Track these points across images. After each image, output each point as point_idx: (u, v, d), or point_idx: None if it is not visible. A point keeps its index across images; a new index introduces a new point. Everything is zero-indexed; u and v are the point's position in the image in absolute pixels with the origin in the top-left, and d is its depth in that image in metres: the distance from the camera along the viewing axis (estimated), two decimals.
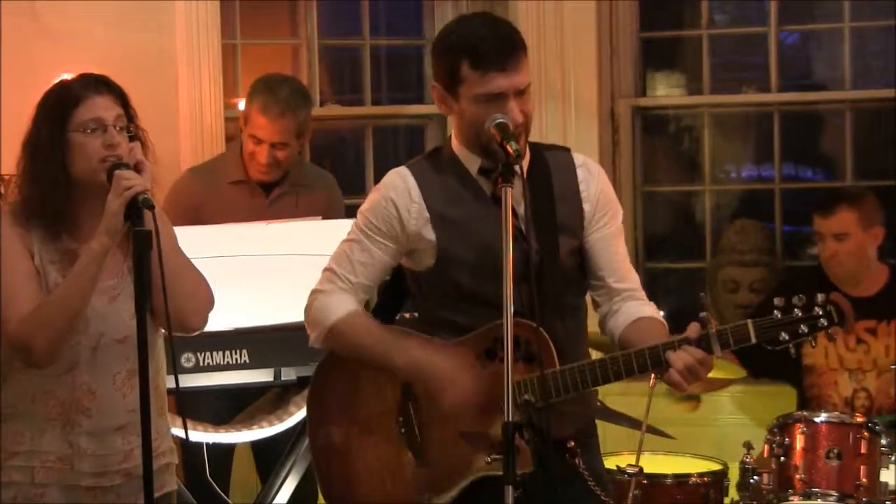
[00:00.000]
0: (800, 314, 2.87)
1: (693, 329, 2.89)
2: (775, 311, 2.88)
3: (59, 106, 2.92)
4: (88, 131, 2.89)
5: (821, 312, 2.87)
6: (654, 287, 5.65)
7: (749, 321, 2.88)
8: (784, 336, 2.87)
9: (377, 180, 3.16)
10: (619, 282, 3.09)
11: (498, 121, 2.88)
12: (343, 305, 3.07)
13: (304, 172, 4.60)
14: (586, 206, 3.08)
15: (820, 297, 2.89)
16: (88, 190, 2.92)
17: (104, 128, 2.90)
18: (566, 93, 5.33)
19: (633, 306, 3.08)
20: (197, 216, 4.28)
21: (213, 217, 4.26)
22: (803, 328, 2.87)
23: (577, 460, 3.03)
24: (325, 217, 4.32)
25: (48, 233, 2.93)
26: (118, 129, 2.92)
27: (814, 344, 2.94)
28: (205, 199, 4.41)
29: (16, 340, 2.87)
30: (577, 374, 2.93)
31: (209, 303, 3.07)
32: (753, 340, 2.88)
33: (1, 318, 2.88)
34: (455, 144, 3.06)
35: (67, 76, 3.02)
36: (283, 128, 4.37)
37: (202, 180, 4.50)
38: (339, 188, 4.70)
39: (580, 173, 3.10)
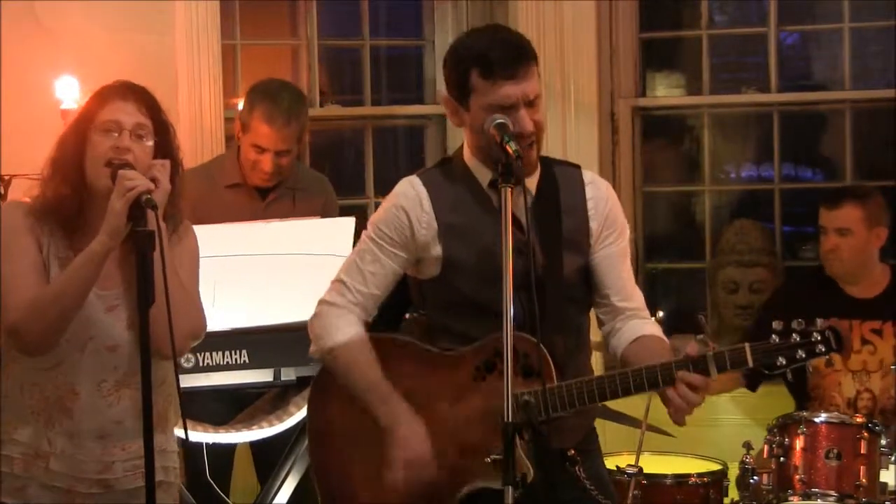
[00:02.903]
0: (798, 339, 2.86)
1: (691, 350, 2.89)
2: (773, 336, 2.88)
3: (87, 107, 2.96)
4: (104, 132, 2.91)
5: (819, 338, 2.86)
6: (654, 287, 5.66)
7: (746, 345, 2.88)
8: (781, 361, 2.87)
9: (377, 181, 3.17)
10: (623, 301, 3.10)
11: (497, 121, 2.88)
12: (345, 329, 3.07)
13: (300, 175, 4.60)
14: (593, 224, 3.08)
15: (819, 322, 2.88)
16: (100, 196, 2.91)
17: (119, 131, 2.91)
18: (566, 93, 5.33)
19: (635, 325, 3.09)
20: (193, 217, 4.27)
21: (210, 220, 4.24)
22: (801, 353, 2.86)
23: (577, 468, 3.03)
24: (319, 217, 4.33)
25: (63, 228, 2.95)
26: (138, 137, 2.92)
27: (810, 369, 2.94)
28: (201, 202, 4.39)
29: (12, 327, 2.89)
30: (575, 391, 2.93)
31: (192, 333, 3.03)
32: (750, 364, 2.87)
33: (2, 305, 2.89)
34: (467, 155, 3.06)
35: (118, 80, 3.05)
36: (287, 136, 4.36)
37: (198, 183, 4.48)
38: (335, 190, 4.70)
39: (589, 190, 3.10)
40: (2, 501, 2.95)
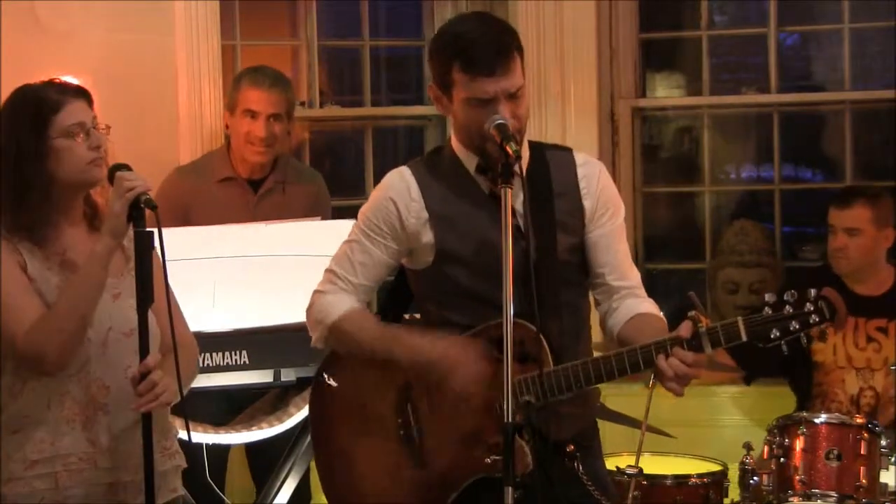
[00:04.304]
0: (791, 310, 2.86)
1: (685, 328, 2.87)
2: (766, 308, 2.86)
3: (36, 113, 2.91)
4: (73, 136, 2.90)
5: (812, 308, 2.85)
6: (654, 287, 5.63)
7: (739, 318, 2.86)
8: (775, 333, 2.85)
9: (377, 181, 3.17)
10: (618, 280, 3.09)
11: (497, 122, 2.88)
12: (344, 304, 3.08)
13: (291, 168, 4.65)
14: (587, 203, 3.08)
15: (812, 292, 2.86)
16: (68, 191, 2.93)
17: (87, 131, 2.92)
18: (566, 93, 5.33)
19: (631, 303, 3.08)
20: (185, 215, 4.30)
21: (202, 215, 4.27)
22: (795, 325, 2.85)
23: (575, 464, 3.02)
24: (313, 212, 4.34)
25: (34, 240, 2.92)
26: (97, 129, 2.94)
27: (805, 341, 2.91)
28: (193, 198, 4.43)
29: (26, 353, 2.86)
30: (571, 374, 2.93)
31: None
32: (744, 338, 2.86)
33: (4, 334, 2.86)
34: (454, 143, 3.08)
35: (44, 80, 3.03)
36: (276, 98, 4.46)
37: (190, 179, 4.52)
38: (335, 190, 4.73)
39: (581, 171, 3.10)
40: None
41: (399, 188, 3.06)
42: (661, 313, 3.11)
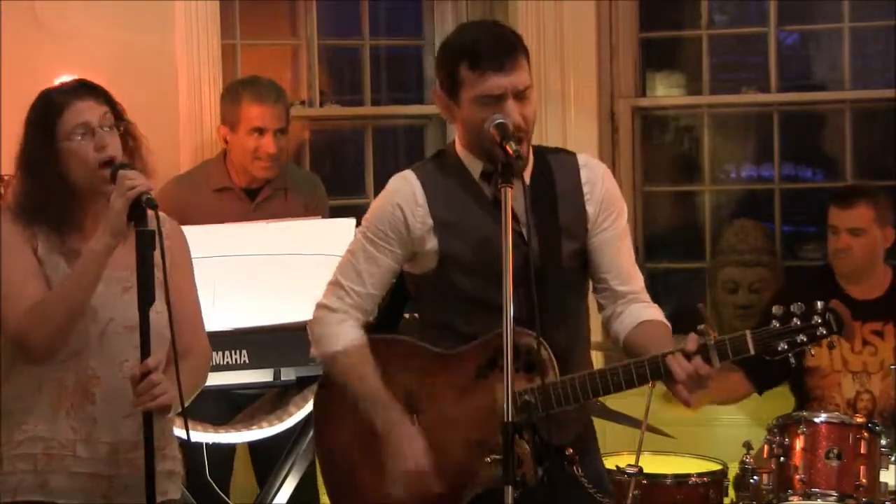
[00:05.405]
0: (798, 323, 2.85)
1: (692, 341, 2.87)
2: (773, 321, 2.86)
3: (43, 117, 2.94)
4: (78, 138, 2.90)
5: (820, 321, 2.85)
6: (654, 287, 5.63)
7: (747, 332, 2.87)
8: (783, 346, 2.85)
9: (377, 180, 3.18)
10: (623, 284, 3.08)
11: (497, 121, 2.88)
12: (344, 335, 3.07)
13: (290, 175, 4.63)
14: (590, 208, 3.07)
15: (819, 304, 2.86)
16: (89, 191, 2.94)
17: (92, 131, 2.91)
18: (566, 93, 5.33)
19: (637, 309, 3.07)
20: (182, 223, 4.29)
21: (198, 224, 4.26)
22: (802, 338, 2.85)
23: (575, 467, 3.02)
24: (309, 215, 4.34)
25: (54, 232, 2.95)
26: (106, 128, 2.93)
27: (813, 353, 2.92)
28: (190, 207, 4.42)
29: (15, 336, 2.88)
30: (578, 386, 2.93)
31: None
32: (752, 352, 2.86)
33: (1, 315, 2.89)
34: (459, 148, 3.06)
35: (61, 81, 3.05)
36: (280, 112, 4.46)
37: (186, 188, 4.51)
38: (335, 190, 4.72)
39: (584, 174, 3.09)
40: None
41: (405, 193, 3.04)
42: (665, 320, 3.10)
